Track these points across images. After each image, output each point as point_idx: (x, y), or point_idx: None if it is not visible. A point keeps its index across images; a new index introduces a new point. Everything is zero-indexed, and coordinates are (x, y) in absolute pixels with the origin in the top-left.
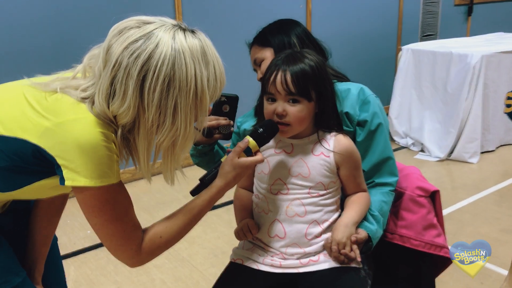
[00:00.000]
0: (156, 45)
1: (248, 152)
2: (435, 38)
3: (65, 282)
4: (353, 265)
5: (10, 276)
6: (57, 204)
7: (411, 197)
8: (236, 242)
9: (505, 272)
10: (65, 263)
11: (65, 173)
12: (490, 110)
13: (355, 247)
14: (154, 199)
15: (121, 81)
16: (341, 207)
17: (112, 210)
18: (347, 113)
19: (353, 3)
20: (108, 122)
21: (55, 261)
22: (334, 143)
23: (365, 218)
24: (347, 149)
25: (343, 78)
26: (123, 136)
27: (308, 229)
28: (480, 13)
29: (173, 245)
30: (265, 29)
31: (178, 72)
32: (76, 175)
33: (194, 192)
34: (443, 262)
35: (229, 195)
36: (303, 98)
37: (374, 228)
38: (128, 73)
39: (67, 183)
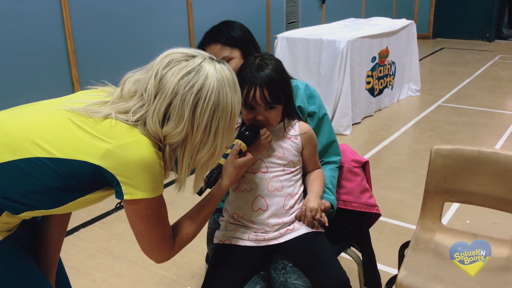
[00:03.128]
0: (206, 77)
1: (239, 153)
2: (297, 26)
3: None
4: (320, 229)
5: (43, 284)
6: (67, 214)
7: (348, 168)
8: None
9: (395, 222)
10: None
11: (124, 188)
12: (356, 88)
13: (323, 214)
14: None
15: (178, 107)
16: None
17: (157, 216)
18: (299, 107)
19: None
20: (157, 141)
21: (61, 268)
22: (299, 128)
23: (324, 191)
24: (309, 133)
25: None
26: (169, 154)
27: (285, 201)
28: (332, 0)
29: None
30: (223, 29)
31: (222, 99)
32: (134, 190)
33: (200, 192)
34: (374, 217)
35: None
36: (277, 104)
37: (333, 198)
38: (184, 100)
39: (126, 197)
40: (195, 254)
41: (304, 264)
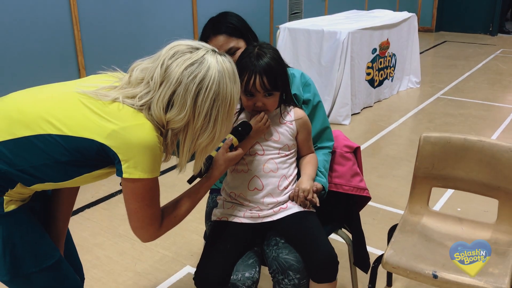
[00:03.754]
0: (208, 68)
1: (231, 147)
2: (300, 16)
3: (78, 258)
4: (312, 209)
5: (53, 252)
6: (75, 189)
7: (340, 153)
8: None
9: (388, 208)
10: None
11: (124, 167)
12: (356, 79)
13: (315, 195)
14: None
15: (181, 95)
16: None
17: (151, 197)
18: (295, 95)
19: None
20: (160, 126)
21: (69, 239)
22: (294, 114)
23: (316, 174)
24: (303, 118)
25: None
26: (171, 138)
27: (280, 182)
28: None
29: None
30: (227, 20)
31: (222, 89)
32: (133, 170)
33: (190, 181)
34: (364, 200)
35: None
36: (275, 91)
37: (324, 181)
38: (187, 89)
39: (124, 175)
40: (194, 234)
41: (295, 240)
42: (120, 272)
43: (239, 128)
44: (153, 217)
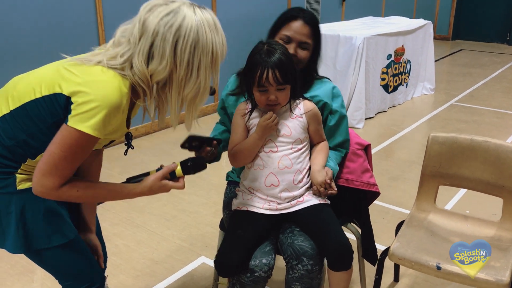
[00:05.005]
0: (184, 17)
1: (173, 175)
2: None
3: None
4: (326, 201)
5: (67, 232)
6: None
7: (352, 151)
8: (179, 207)
9: (397, 208)
10: None
11: (72, 115)
12: (370, 84)
13: (333, 184)
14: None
15: (159, 45)
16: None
17: (76, 153)
18: (325, 103)
19: None
20: (144, 84)
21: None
22: (304, 107)
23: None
24: (313, 110)
25: None
26: (157, 91)
27: (295, 176)
28: None
29: (79, 202)
30: (305, 11)
31: (201, 38)
32: (79, 121)
33: (184, 146)
34: (373, 196)
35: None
36: (287, 84)
37: (332, 165)
38: (164, 39)
39: (69, 123)
40: (208, 227)
41: (311, 230)
42: (138, 260)
43: (189, 163)
44: (63, 172)
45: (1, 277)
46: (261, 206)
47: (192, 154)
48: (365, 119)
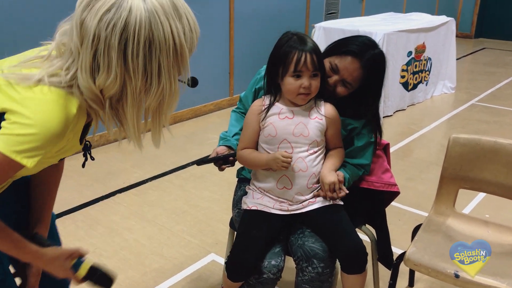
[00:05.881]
0: (129, 11)
1: (76, 264)
2: (336, 17)
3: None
4: (340, 202)
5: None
6: (53, 173)
7: None
8: (190, 202)
9: (414, 210)
10: None
11: (2, 131)
12: (390, 81)
13: (342, 185)
14: (102, 169)
15: (104, 54)
16: None
17: None
18: (355, 127)
19: None
20: (96, 102)
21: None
22: (325, 110)
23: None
24: (335, 115)
25: None
26: (111, 107)
27: (309, 180)
28: None
29: None
30: (369, 51)
31: (156, 33)
32: (7, 144)
33: (199, 163)
34: (392, 196)
35: (180, 161)
36: (319, 72)
37: (347, 174)
38: (108, 44)
39: None
40: (219, 224)
41: (323, 231)
42: (147, 255)
43: (99, 273)
44: None
45: None
46: (271, 205)
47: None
48: (383, 117)
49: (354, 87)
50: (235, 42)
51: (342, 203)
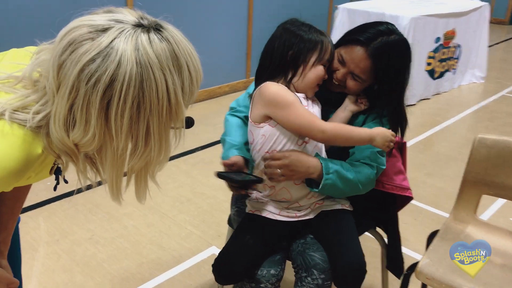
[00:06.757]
0: (118, 64)
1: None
2: None
3: (20, 262)
4: (349, 208)
5: None
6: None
7: None
8: (195, 190)
9: (432, 209)
10: (33, 214)
11: None
12: (415, 68)
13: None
14: None
15: (81, 110)
16: None
17: None
18: None
19: None
20: (69, 152)
21: (14, 240)
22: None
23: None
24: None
25: None
26: (86, 157)
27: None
28: None
29: None
30: (377, 38)
31: (148, 91)
32: None
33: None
34: (405, 200)
35: (189, 145)
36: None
37: (336, 166)
38: (88, 100)
39: None
40: (224, 215)
41: (325, 239)
42: (145, 244)
43: None
44: None
45: None
46: (277, 212)
47: None
48: (406, 106)
49: (366, 80)
50: (254, 21)
51: (351, 208)
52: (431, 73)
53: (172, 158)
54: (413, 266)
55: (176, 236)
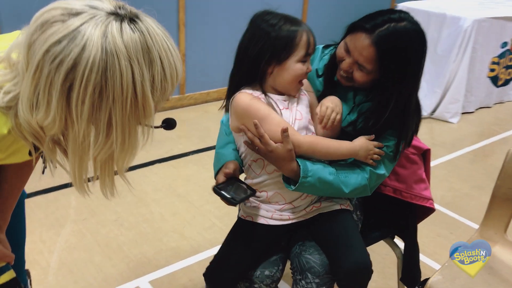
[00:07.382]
0: (83, 48)
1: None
2: None
3: (23, 241)
4: (349, 208)
5: None
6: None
7: (404, 154)
8: None
9: (472, 224)
10: (66, 192)
11: None
12: (475, 74)
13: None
14: None
15: (44, 91)
16: None
17: None
18: None
19: None
20: (36, 135)
21: (19, 219)
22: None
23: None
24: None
25: None
26: (53, 141)
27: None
28: None
29: None
30: (384, 24)
31: (112, 80)
32: None
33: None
34: (426, 211)
35: None
36: None
37: (315, 167)
38: (50, 82)
39: None
40: None
41: (325, 241)
42: (167, 232)
43: None
44: None
45: (34, 224)
46: (270, 216)
47: None
48: (462, 113)
49: (371, 70)
50: (308, 17)
51: (351, 209)
52: (494, 80)
53: (209, 148)
54: (424, 282)
55: (199, 226)
